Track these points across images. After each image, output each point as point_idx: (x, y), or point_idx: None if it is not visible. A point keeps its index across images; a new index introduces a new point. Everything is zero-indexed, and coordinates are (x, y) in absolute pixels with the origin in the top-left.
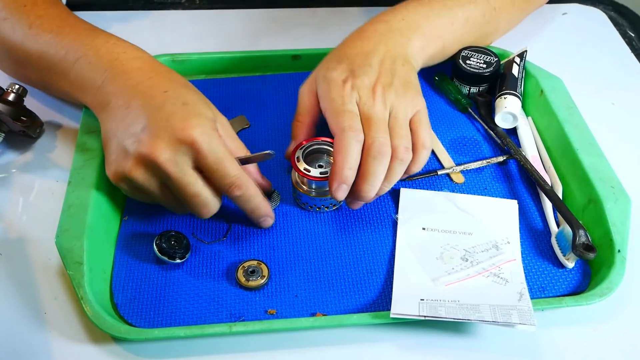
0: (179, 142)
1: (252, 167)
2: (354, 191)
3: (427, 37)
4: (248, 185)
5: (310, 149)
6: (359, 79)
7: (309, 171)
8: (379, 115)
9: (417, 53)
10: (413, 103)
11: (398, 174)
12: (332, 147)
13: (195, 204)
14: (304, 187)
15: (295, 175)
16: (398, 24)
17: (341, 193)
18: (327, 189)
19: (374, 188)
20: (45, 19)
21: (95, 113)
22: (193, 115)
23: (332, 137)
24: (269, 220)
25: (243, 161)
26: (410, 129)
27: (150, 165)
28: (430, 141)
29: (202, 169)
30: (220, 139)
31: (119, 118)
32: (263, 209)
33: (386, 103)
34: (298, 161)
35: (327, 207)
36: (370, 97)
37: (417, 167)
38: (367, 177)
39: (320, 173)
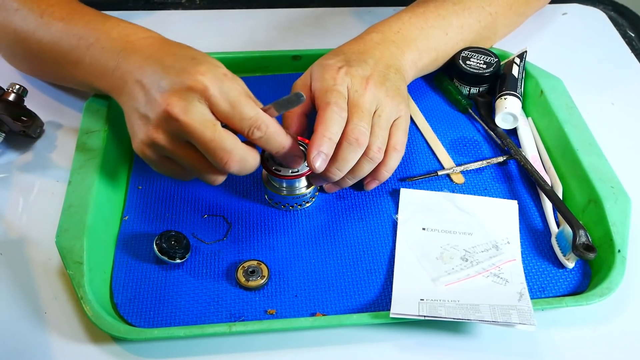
0: (190, 90)
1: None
2: None
3: (420, 50)
4: (268, 123)
5: None
6: (354, 68)
7: (280, 170)
8: (366, 105)
9: (409, 66)
10: (398, 108)
11: (364, 170)
12: (304, 146)
13: (217, 152)
14: (275, 185)
15: (265, 175)
16: (393, 36)
17: (319, 163)
18: (297, 186)
19: (339, 172)
20: (55, 7)
21: (114, 97)
22: (202, 64)
23: (306, 136)
24: (298, 161)
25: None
26: None
27: (168, 122)
28: (403, 146)
29: (218, 115)
30: (233, 83)
31: (137, 92)
32: (289, 146)
33: (375, 98)
34: (267, 161)
35: (300, 205)
36: (362, 86)
37: (387, 170)
38: (337, 160)
39: (292, 172)
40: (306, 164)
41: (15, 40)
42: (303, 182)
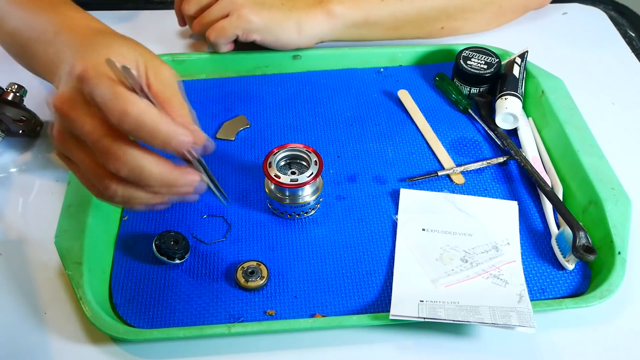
0: (75, 79)
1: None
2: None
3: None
4: (140, 109)
5: (286, 154)
6: None
7: (279, 177)
8: None
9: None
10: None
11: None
12: (305, 153)
13: (103, 153)
14: (277, 194)
15: (267, 183)
16: None
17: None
18: (300, 195)
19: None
20: None
21: None
22: (96, 51)
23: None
24: (183, 139)
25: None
26: None
27: (57, 116)
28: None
29: (95, 102)
30: (118, 70)
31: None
32: (172, 131)
33: None
34: (270, 167)
35: (298, 215)
36: None
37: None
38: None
39: (291, 180)
40: (310, 173)
41: None
42: (307, 190)
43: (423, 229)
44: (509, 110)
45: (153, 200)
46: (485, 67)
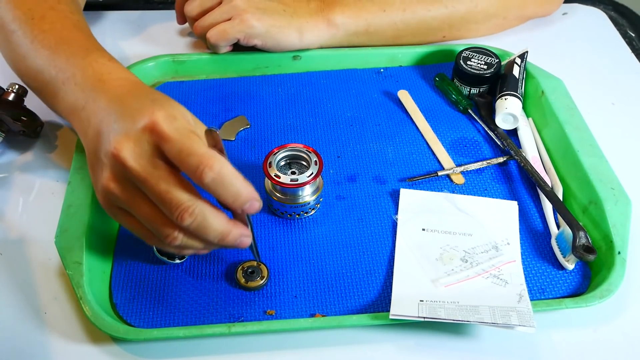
0: (141, 131)
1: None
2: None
3: (343, 5)
4: (222, 164)
5: (286, 154)
6: None
7: (279, 177)
8: None
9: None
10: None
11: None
12: (305, 153)
13: (171, 207)
14: (277, 194)
15: (267, 183)
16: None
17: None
18: (300, 195)
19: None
20: (47, 34)
21: (81, 139)
22: (160, 104)
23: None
24: (255, 204)
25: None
26: None
27: (117, 167)
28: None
29: (168, 155)
30: (188, 124)
31: (96, 136)
32: (245, 191)
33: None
34: (270, 167)
35: (298, 215)
36: None
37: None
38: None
39: (291, 180)
40: (310, 173)
41: (11, 61)
42: (307, 190)
43: (423, 229)
44: (509, 111)
45: (203, 248)
46: (485, 67)
